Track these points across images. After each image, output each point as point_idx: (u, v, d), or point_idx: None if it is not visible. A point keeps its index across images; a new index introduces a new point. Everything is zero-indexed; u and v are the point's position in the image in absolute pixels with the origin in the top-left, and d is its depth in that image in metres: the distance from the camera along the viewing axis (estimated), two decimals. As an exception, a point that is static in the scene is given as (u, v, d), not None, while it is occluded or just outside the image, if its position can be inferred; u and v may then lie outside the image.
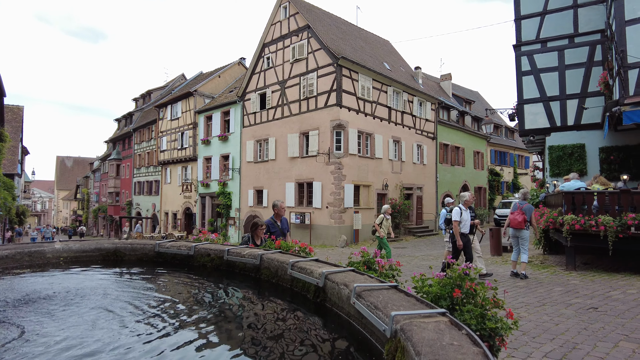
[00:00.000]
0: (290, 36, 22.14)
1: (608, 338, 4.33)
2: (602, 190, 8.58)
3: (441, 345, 1.34)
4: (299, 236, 19.94)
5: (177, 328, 2.27)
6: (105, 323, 2.30)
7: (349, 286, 2.17)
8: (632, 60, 9.79)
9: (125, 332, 2.16)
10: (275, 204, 6.40)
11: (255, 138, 24.06)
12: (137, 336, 2.10)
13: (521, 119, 14.29)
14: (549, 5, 13.75)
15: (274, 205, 6.43)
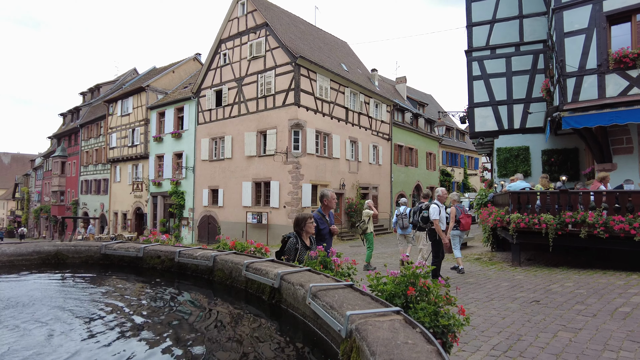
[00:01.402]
0: (248, 33, 21.82)
1: (548, 329, 4.58)
2: (544, 191, 9.10)
3: (396, 345, 1.34)
4: (256, 236, 19.70)
5: (122, 336, 2.14)
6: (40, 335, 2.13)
7: (304, 286, 2.14)
8: (570, 70, 10.47)
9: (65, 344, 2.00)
10: (325, 194, 5.18)
11: (210, 136, 23.49)
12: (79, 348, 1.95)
13: (471, 121, 14.92)
14: (497, 14, 14.45)
15: (323, 195, 5.19)
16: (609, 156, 10.47)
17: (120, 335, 2.15)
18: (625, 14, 10.05)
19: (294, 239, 4.08)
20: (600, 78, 10.16)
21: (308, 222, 4.26)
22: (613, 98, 9.89)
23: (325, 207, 5.14)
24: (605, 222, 7.75)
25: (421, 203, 8.64)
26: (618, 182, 9.38)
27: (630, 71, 9.76)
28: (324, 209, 5.16)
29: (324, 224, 4.94)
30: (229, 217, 22.00)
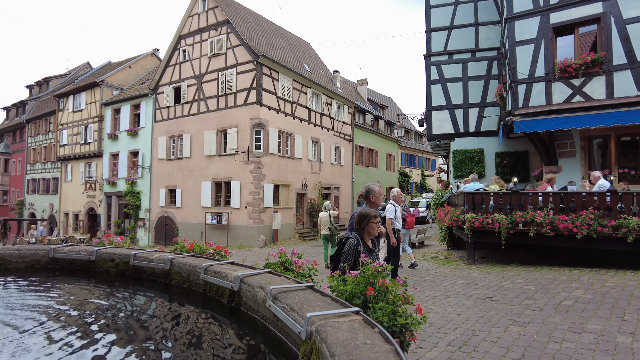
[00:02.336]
0: (209, 30, 21.37)
1: (500, 324, 4.80)
2: (497, 191, 9.52)
3: (355, 345, 1.35)
4: (216, 238, 19.33)
5: (70, 346, 2.03)
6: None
7: (265, 289, 2.12)
8: (521, 77, 11.03)
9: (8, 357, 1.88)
10: (372, 189, 4.44)
11: (168, 134, 22.81)
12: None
13: (429, 124, 15.38)
14: (455, 21, 14.98)
15: (369, 190, 4.43)
16: (555, 159, 11.11)
17: (67, 345, 2.04)
18: (569, 26, 10.71)
19: (354, 239, 3.48)
20: (548, 85, 10.76)
21: (372, 221, 3.59)
22: (559, 105, 10.51)
23: (371, 204, 4.41)
24: (552, 221, 8.22)
25: None
26: (563, 184, 9.98)
27: (574, 80, 10.41)
28: (371, 206, 4.40)
29: None
30: (187, 217, 21.45)
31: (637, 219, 7.55)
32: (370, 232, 3.57)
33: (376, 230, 3.59)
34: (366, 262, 2.71)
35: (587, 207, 8.10)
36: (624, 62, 9.90)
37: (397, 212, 8.09)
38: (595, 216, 7.89)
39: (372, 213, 3.61)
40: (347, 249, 3.42)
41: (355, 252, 3.37)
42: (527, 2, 11.09)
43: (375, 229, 3.59)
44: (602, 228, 7.79)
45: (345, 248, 3.44)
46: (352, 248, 3.41)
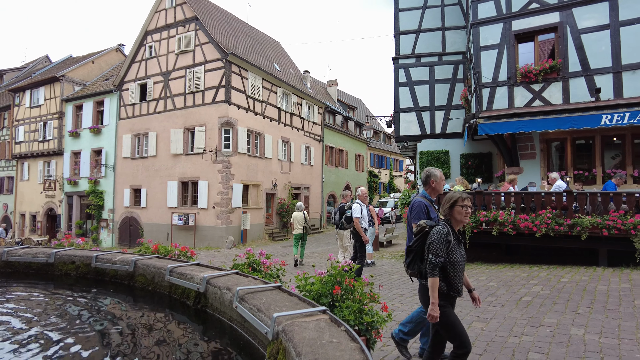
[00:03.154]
0: (177, 26, 20.88)
1: (464, 320, 4.94)
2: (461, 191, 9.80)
3: (321, 344, 1.37)
4: (182, 239, 18.93)
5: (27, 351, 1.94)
6: None
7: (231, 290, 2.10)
8: (485, 81, 11.41)
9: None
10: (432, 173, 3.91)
11: (133, 132, 22.13)
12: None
13: (397, 126, 15.65)
14: (423, 24, 15.31)
15: (430, 174, 3.93)
16: (517, 160, 11.56)
17: (23, 352, 1.95)
18: (530, 34, 11.18)
19: (444, 227, 2.88)
20: (510, 90, 11.18)
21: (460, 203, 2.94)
22: (520, 108, 10.94)
23: (432, 190, 3.94)
24: (513, 221, 8.55)
25: (342, 204, 9.09)
26: (524, 184, 10.39)
27: (534, 85, 10.87)
28: (431, 193, 3.95)
29: (434, 212, 3.84)
30: (153, 218, 20.88)
31: (590, 218, 7.97)
32: (458, 219, 2.96)
33: (464, 216, 2.97)
34: None
35: (545, 206, 8.48)
36: (579, 70, 10.42)
37: (364, 212, 8.19)
38: (553, 215, 8.27)
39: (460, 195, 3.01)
40: (436, 239, 2.81)
41: (446, 242, 2.81)
42: (490, 9, 11.48)
43: (463, 215, 2.96)
44: (559, 227, 8.18)
45: (434, 237, 2.83)
46: (442, 237, 2.81)
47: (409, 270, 3.03)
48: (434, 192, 3.91)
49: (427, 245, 2.85)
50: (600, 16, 10.23)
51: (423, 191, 3.90)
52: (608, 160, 10.88)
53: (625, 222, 7.62)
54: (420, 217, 3.57)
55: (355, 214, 7.98)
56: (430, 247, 2.82)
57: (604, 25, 10.18)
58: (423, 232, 2.95)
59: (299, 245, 11.34)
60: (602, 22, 10.21)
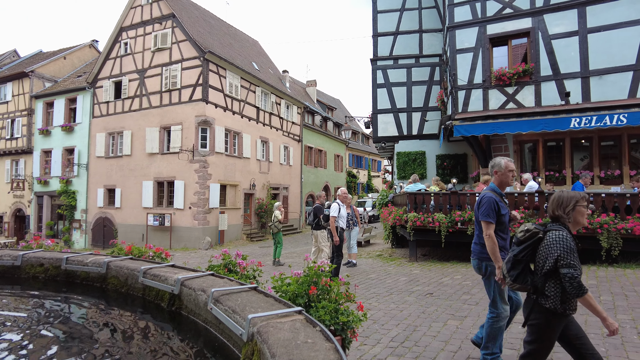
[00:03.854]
0: (153, 23, 20.48)
1: (440, 319, 5.03)
2: (437, 192, 9.97)
3: (296, 345, 1.37)
4: (158, 240, 18.58)
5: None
6: None
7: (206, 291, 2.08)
8: (461, 83, 11.64)
9: None
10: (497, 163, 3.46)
11: (107, 130, 21.58)
12: None
13: (375, 127, 15.80)
14: (400, 26, 15.50)
15: (495, 164, 3.48)
16: (491, 162, 11.82)
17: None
18: (504, 38, 11.47)
19: (566, 232, 2.46)
20: (485, 92, 11.44)
21: (582, 203, 2.56)
22: (494, 110, 11.21)
23: (499, 182, 3.45)
24: (487, 220, 8.73)
25: (316, 205, 9.18)
26: (497, 185, 10.62)
27: (507, 88, 11.16)
28: (499, 185, 3.46)
29: (504, 208, 3.36)
30: (127, 219, 20.42)
31: (560, 217, 8.21)
32: (580, 221, 2.56)
33: (585, 218, 2.59)
34: None
35: (518, 206, 8.71)
36: (550, 74, 10.75)
37: (342, 211, 8.24)
38: (526, 215, 8.50)
39: (581, 195, 2.61)
40: (567, 247, 2.38)
41: (576, 250, 2.42)
42: (466, 12, 11.72)
43: (584, 217, 2.58)
44: (530, 226, 8.39)
45: (563, 246, 2.39)
46: (572, 245, 2.40)
47: (517, 284, 2.64)
48: (503, 185, 3.47)
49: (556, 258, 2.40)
50: (570, 23, 10.59)
51: (492, 184, 3.50)
52: (577, 162, 11.26)
53: (592, 221, 7.90)
54: (489, 215, 3.25)
55: (332, 213, 8.04)
56: (562, 260, 2.38)
57: (573, 32, 10.54)
58: (534, 239, 2.56)
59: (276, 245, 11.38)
60: (571, 29, 10.57)
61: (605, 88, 10.20)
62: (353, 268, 9.40)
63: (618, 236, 7.74)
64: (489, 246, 3.27)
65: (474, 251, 3.59)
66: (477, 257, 3.53)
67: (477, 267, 3.55)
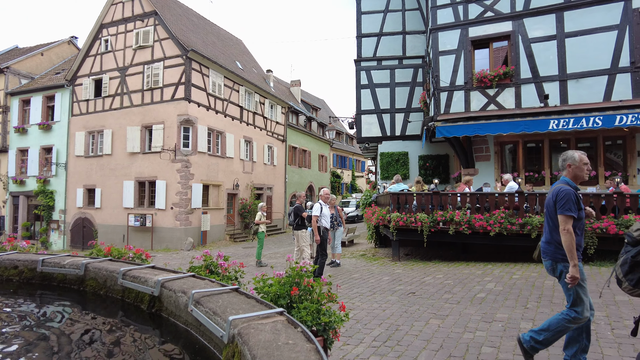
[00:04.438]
0: (134, 20, 20.15)
1: (422, 317, 5.08)
2: (419, 192, 10.08)
3: (277, 346, 1.36)
4: (139, 240, 18.29)
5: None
6: None
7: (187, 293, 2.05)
8: (443, 85, 11.78)
9: None
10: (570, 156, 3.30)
11: (87, 129, 21.13)
12: None
13: (359, 127, 15.87)
14: (384, 28, 15.61)
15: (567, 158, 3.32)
16: (473, 162, 12.01)
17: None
18: (485, 41, 11.66)
19: None
20: (467, 94, 11.62)
21: None
22: (476, 112, 11.39)
23: (573, 176, 3.27)
24: (469, 220, 8.88)
25: (296, 205, 9.22)
26: (479, 185, 10.81)
27: (488, 90, 11.35)
28: (574, 179, 3.27)
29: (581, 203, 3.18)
30: (108, 219, 20.03)
31: (539, 217, 8.41)
32: None
33: None
34: None
35: (499, 206, 8.87)
36: (529, 77, 10.98)
37: (324, 211, 8.27)
38: (506, 215, 8.67)
39: None
40: None
41: None
42: (449, 15, 11.88)
43: None
44: (511, 226, 8.57)
45: None
46: None
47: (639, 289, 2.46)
48: (576, 179, 3.28)
49: None
50: (548, 27, 10.83)
51: (564, 177, 3.31)
52: (555, 163, 11.52)
53: (570, 221, 8.09)
54: (571, 208, 3.05)
55: (314, 212, 8.08)
56: None
57: (552, 36, 10.79)
58: None
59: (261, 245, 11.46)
60: (550, 33, 10.82)
61: (581, 91, 10.47)
62: (337, 268, 9.42)
63: (594, 235, 7.95)
64: (567, 242, 3.01)
65: (546, 251, 3.29)
66: (551, 257, 3.24)
67: (551, 268, 3.27)
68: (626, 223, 7.76)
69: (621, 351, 3.70)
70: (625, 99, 10.07)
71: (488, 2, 11.43)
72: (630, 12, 10.12)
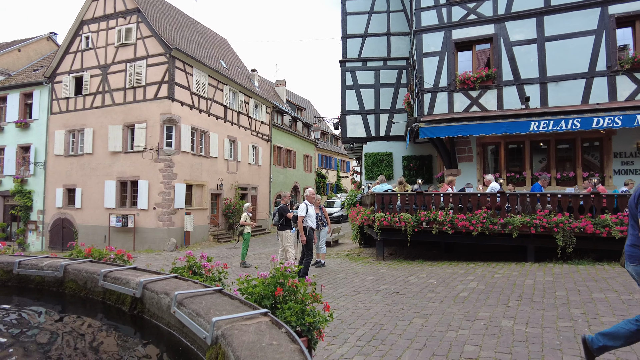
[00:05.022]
0: (117, 17, 19.80)
1: (405, 317, 5.13)
2: (403, 192, 10.16)
3: (260, 347, 1.35)
4: (121, 241, 17.98)
5: None
6: None
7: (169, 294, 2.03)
8: (427, 86, 11.91)
9: None
10: None
11: (67, 128, 20.68)
12: None
13: (344, 128, 15.92)
14: (369, 29, 15.69)
15: None
16: (455, 163, 12.17)
17: None
18: (468, 43, 11.83)
19: None
20: (450, 95, 11.76)
21: None
22: (459, 113, 11.54)
23: None
24: (452, 220, 8.99)
25: (281, 205, 9.22)
26: (462, 186, 10.96)
27: (472, 92, 11.51)
28: None
29: None
30: (88, 220, 19.64)
31: (520, 217, 8.57)
32: None
33: None
34: None
35: (481, 207, 9.00)
36: (511, 79, 11.18)
37: (310, 211, 8.28)
38: (488, 215, 8.80)
39: None
40: None
41: None
42: (433, 17, 12.01)
43: None
44: (493, 226, 8.71)
45: None
46: None
47: None
48: None
49: None
50: (529, 31, 11.05)
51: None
52: (536, 164, 11.76)
53: (549, 220, 8.28)
54: None
55: (300, 213, 8.07)
56: None
57: (532, 40, 11.01)
58: None
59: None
60: (531, 37, 11.04)
61: (561, 94, 10.72)
62: (322, 268, 9.43)
63: (572, 235, 8.14)
64: None
65: (633, 255, 3.01)
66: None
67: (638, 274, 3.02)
68: (603, 222, 7.97)
69: (598, 347, 3.79)
70: (602, 101, 10.35)
71: (471, 5, 11.59)
72: (607, 17, 10.40)
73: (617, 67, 10.31)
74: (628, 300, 5.22)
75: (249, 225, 11.62)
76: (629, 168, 10.64)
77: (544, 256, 8.61)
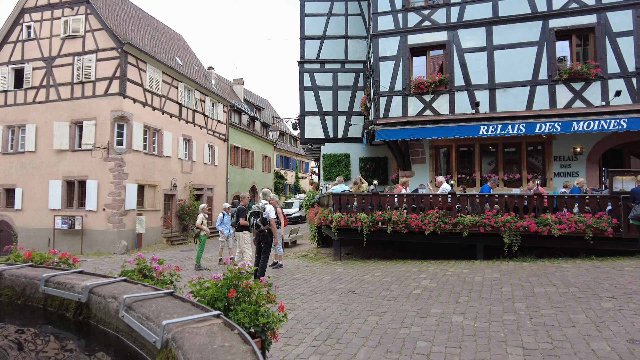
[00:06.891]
0: (63, 7, 18.71)
1: (361, 315, 5.22)
2: (359, 193, 10.33)
3: (212, 349, 1.34)
4: (67, 244, 17.01)
5: None
6: None
7: (117, 298, 1.96)
8: (383, 90, 12.19)
9: None
10: None
11: (5, 123, 19.28)
12: None
13: (302, 128, 15.97)
14: (327, 31, 15.83)
15: None
16: (409, 164, 12.53)
17: None
18: (422, 49, 12.23)
19: None
20: (405, 99, 12.10)
21: None
22: (413, 117, 11.90)
23: None
24: (405, 220, 9.25)
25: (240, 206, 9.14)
26: (415, 187, 11.31)
27: (425, 96, 11.90)
28: None
29: None
30: (30, 222, 18.41)
31: (470, 217, 8.96)
32: None
33: None
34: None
35: (433, 207, 9.32)
36: (463, 85, 11.68)
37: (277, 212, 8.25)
38: (440, 215, 9.13)
39: None
40: None
41: None
42: (389, 22, 12.31)
43: None
44: (444, 225, 9.05)
45: None
46: None
47: None
48: None
49: None
50: (479, 39, 11.60)
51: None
52: (485, 166, 12.34)
53: (497, 220, 8.72)
54: None
55: (271, 215, 7.92)
56: None
57: (482, 47, 11.57)
58: None
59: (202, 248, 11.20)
60: (481, 44, 11.59)
61: (508, 100, 11.33)
62: (279, 269, 9.40)
63: (517, 233, 8.62)
64: None
65: None
66: None
67: None
68: (544, 222, 8.50)
69: (537, 338, 4.05)
70: (543, 108, 11.04)
71: (426, 12, 11.99)
72: (547, 31, 11.12)
73: (556, 76, 11.04)
74: (564, 294, 5.60)
75: (205, 232, 11.34)
76: (567, 171, 11.42)
77: (492, 254, 9.05)
